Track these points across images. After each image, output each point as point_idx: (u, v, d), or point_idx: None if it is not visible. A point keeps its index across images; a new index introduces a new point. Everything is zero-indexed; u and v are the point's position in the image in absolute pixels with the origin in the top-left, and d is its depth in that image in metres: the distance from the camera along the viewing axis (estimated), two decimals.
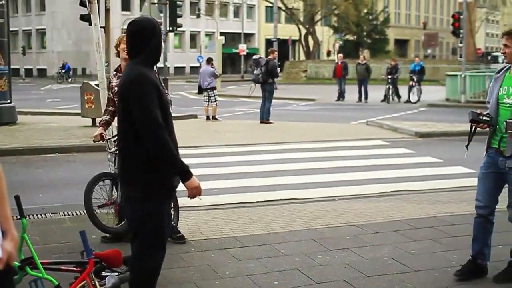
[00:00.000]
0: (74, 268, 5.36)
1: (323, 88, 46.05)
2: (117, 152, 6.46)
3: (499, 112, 6.38)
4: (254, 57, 24.40)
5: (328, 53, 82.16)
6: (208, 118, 24.60)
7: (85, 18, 11.24)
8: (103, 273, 5.46)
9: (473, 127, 6.49)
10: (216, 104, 24.70)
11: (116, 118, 6.24)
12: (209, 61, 25.84)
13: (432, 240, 8.14)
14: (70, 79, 62.81)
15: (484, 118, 6.31)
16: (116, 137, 6.17)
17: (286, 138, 18.95)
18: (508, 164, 6.34)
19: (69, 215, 9.66)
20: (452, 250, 7.67)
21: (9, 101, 21.54)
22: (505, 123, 6.13)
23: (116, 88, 7.61)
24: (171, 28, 27.12)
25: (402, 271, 6.95)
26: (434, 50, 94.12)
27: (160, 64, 27.70)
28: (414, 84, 34.85)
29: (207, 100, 24.69)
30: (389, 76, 34.67)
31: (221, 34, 64.39)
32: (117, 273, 5.52)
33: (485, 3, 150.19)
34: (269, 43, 64.98)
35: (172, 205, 6.75)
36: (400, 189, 11.84)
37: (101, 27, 11.07)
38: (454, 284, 6.55)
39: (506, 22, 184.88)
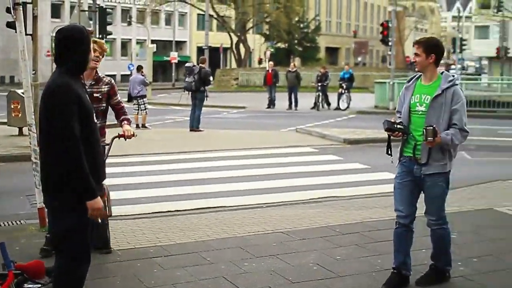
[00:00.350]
0: None
1: (254, 95, 46.19)
2: None
3: (412, 120, 6.48)
4: (187, 64, 24.29)
5: (260, 61, 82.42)
6: (138, 126, 24.43)
7: (11, 25, 11.06)
8: (25, 285, 5.37)
9: (389, 135, 6.55)
10: (146, 112, 24.59)
11: None
12: (139, 69, 25.73)
13: (357, 246, 8.25)
14: None
15: (398, 126, 6.39)
16: None
17: (215, 146, 18.96)
18: (424, 171, 6.44)
19: None
20: (377, 255, 7.77)
21: None
22: (424, 130, 6.18)
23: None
24: (101, 36, 26.83)
25: (327, 276, 7.02)
26: (364, 58, 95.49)
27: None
28: (343, 91, 35.30)
29: (137, 108, 24.57)
30: (319, 84, 35.01)
31: (153, 41, 63.97)
32: (39, 285, 5.44)
33: (413, 12, 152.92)
34: (200, 51, 64.91)
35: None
36: (328, 195, 11.99)
37: (28, 34, 10.89)
38: None
39: (434, 30, 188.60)
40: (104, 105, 7.98)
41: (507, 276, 7.15)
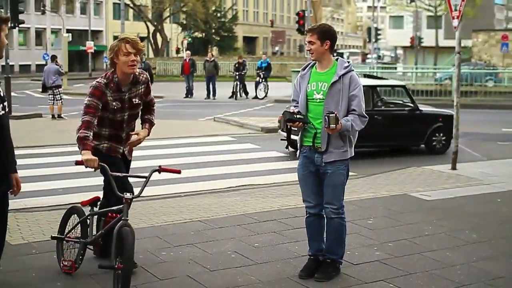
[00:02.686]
0: None
1: (171, 85, 45.90)
2: None
3: (309, 108, 6.46)
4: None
5: (177, 51, 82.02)
6: (53, 117, 24.04)
7: None
8: None
9: (289, 126, 6.48)
10: (61, 102, 24.20)
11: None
12: (53, 58, 25.32)
13: (275, 233, 8.32)
14: None
15: (298, 116, 6.33)
16: None
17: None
18: (325, 159, 6.43)
19: None
20: (294, 241, 7.86)
21: None
22: (326, 117, 6.13)
23: (114, 104, 6.50)
24: (12, 25, 26.22)
25: (245, 264, 7.06)
26: (282, 47, 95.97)
27: (2, 62, 26.86)
28: (261, 80, 35.43)
29: (52, 98, 24.18)
30: (237, 73, 35.07)
31: (68, 31, 63.04)
32: None
33: (330, 2, 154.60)
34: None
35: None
36: (245, 183, 12.04)
37: None
38: (295, 274, 6.70)
39: (350, 20, 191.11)
40: (139, 110, 6.86)
41: (422, 259, 7.30)
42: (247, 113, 26.58)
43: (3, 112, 4.96)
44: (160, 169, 6.09)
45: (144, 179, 6.09)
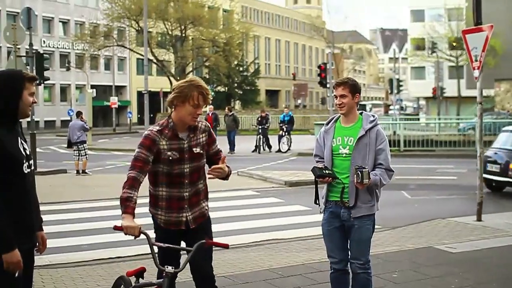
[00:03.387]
0: None
1: None
2: None
3: (335, 163, 6.42)
4: None
5: None
6: (78, 172, 24.21)
7: None
8: None
9: (317, 182, 6.51)
10: (86, 158, 24.40)
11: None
12: (79, 114, 25.57)
13: None
14: None
15: (327, 172, 6.32)
16: None
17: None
18: (353, 214, 6.38)
19: None
20: None
21: None
22: (359, 172, 6.10)
23: (170, 154, 5.62)
24: (38, 81, 26.62)
25: None
26: (304, 100, 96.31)
27: (28, 118, 27.21)
28: (284, 134, 35.57)
29: (77, 154, 24.37)
30: (260, 127, 35.23)
31: (92, 86, 63.70)
32: None
33: (351, 54, 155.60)
34: (140, 95, 64.75)
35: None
36: (270, 238, 11.99)
37: None
38: None
39: (372, 72, 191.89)
40: (205, 160, 5.87)
41: None
42: (270, 166, 26.60)
43: (28, 170, 5.00)
44: (207, 242, 5.37)
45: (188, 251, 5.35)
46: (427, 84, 77.49)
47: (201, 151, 5.75)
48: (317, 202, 6.63)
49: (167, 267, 5.23)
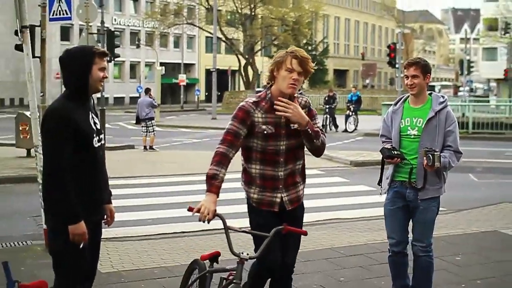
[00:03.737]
0: None
1: None
2: None
3: (403, 144, 6.36)
4: (257, 89, 25.37)
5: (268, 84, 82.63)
6: (145, 148, 24.54)
7: (19, 47, 11.13)
8: None
9: (384, 163, 6.47)
10: (154, 134, 24.69)
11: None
12: (147, 91, 25.85)
13: (361, 267, 8.28)
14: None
15: (396, 152, 6.25)
16: None
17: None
18: (421, 196, 6.30)
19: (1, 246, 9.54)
20: (381, 276, 7.78)
21: None
22: (430, 155, 6.02)
23: (265, 128, 5.19)
24: (108, 58, 26.98)
25: None
26: (372, 80, 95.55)
27: (98, 94, 27.61)
28: (351, 113, 35.39)
29: (145, 130, 24.68)
30: (327, 106, 35.11)
31: (161, 64, 64.28)
32: None
33: (421, 34, 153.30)
34: (209, 73, 65.17)
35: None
36: (333, 217, 11.99)
37: (36, 56, 11.00)
38: None
39: (442, 53, 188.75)
40: (301, 141, 5.30)
41: None
42: (336, 146, 26.47)
43: (99, 144, 5.11)
44: (285, 228, 5.04)
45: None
46: (498, 66, 75.85)
47: (298, 127, 5.18)
48: (380, 184, 6.57)
49: (242, 253, 4.92)
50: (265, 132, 5.17)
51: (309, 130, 5.13)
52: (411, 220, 6.51)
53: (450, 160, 6.21)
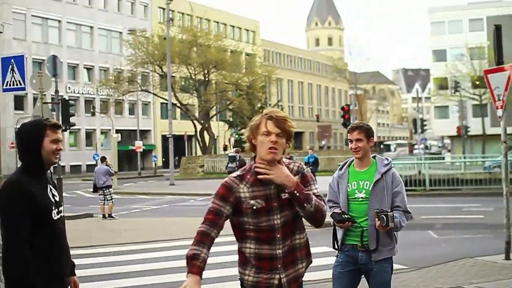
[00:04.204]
0: None
1: (220, 182, 45.98)
2: None
3: (351, 208, 6.37)
4: (230, 154, 31.39)
5: (225, 148, 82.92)
6: (104, 216, 24.32)
7: None
8: None
9: (335, 227, 6.42)
10: (112, 202, 24.51)
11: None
12: (103, 159, 25.75)
13: None
14: None
15: (346, 216, 6.25)
16: None
17: (185, 233, 18.81)
18: (374, 258, 6.29)
19: None
20: None
21: None
22: (383, 216, 6.05)
23: (254, 203, 4.69)
24: (64, 127, 26.89)
25: None
26: (328, 141, 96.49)
27: None
28: None
29: (103, 198, 24.49)
30: None
31: (117, 131, 64.12)
32: None
33: (374, 95, 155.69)
34: (165, 139, 65.14)
35: None
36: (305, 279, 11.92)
37: None
38: None
39: (395, 112, 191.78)
40: (297, 212, 4.76)
41: None
42: None
43: (58, 216, 5.06)
44: None
45: None
46: (451, 123, 77.38)
47: (289, 198, 4.70)
48: (336, 247, 6.55)
49: None
50: (255, 207, 4.68)
51: (296, 192, 4.64)
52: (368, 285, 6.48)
53: (401, 220, 6.24)
